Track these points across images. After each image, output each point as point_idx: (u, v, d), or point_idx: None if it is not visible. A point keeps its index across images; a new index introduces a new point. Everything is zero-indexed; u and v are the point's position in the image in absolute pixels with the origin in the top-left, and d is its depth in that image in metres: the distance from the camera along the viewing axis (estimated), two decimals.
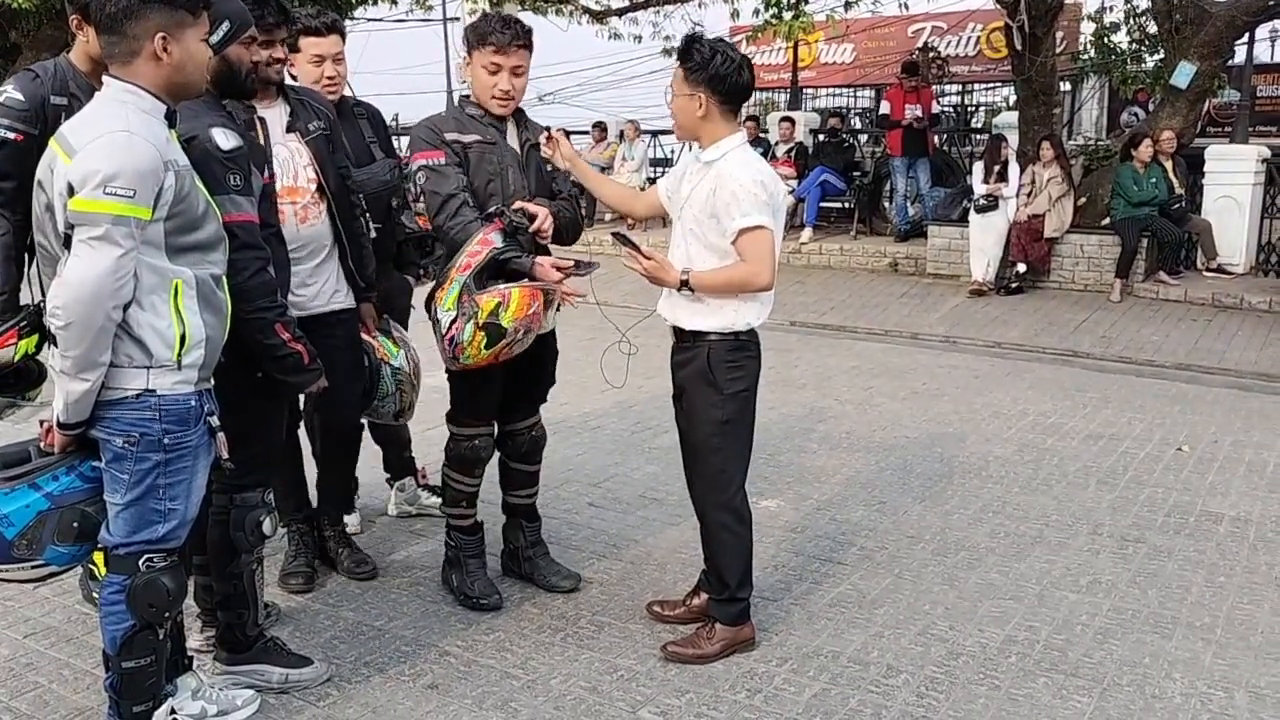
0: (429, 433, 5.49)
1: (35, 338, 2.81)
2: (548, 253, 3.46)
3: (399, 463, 4.48)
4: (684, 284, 3.15)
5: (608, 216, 14.03)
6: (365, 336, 3.67)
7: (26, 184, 2.68)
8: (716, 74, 3.08)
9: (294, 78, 3.70)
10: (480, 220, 3.30)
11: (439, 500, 4.39)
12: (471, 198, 3.36)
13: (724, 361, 3.20)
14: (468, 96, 3.54)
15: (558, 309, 3.47)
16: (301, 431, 3.92)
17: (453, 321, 3.24)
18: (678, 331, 3.28)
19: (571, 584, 3.78)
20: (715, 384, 3.20)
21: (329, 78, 3.79)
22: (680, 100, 3.15)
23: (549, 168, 3.53)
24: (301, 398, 3.47)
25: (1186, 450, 5.48)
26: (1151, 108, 12.19)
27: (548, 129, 3.54)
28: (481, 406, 3.59)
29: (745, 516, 3.31)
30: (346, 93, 3.98)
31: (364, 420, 3.97)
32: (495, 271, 3.25)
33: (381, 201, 3.85)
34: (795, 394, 6.63)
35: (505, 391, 3.64)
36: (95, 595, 3.17)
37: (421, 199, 3.46)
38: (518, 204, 3.35)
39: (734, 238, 3.09)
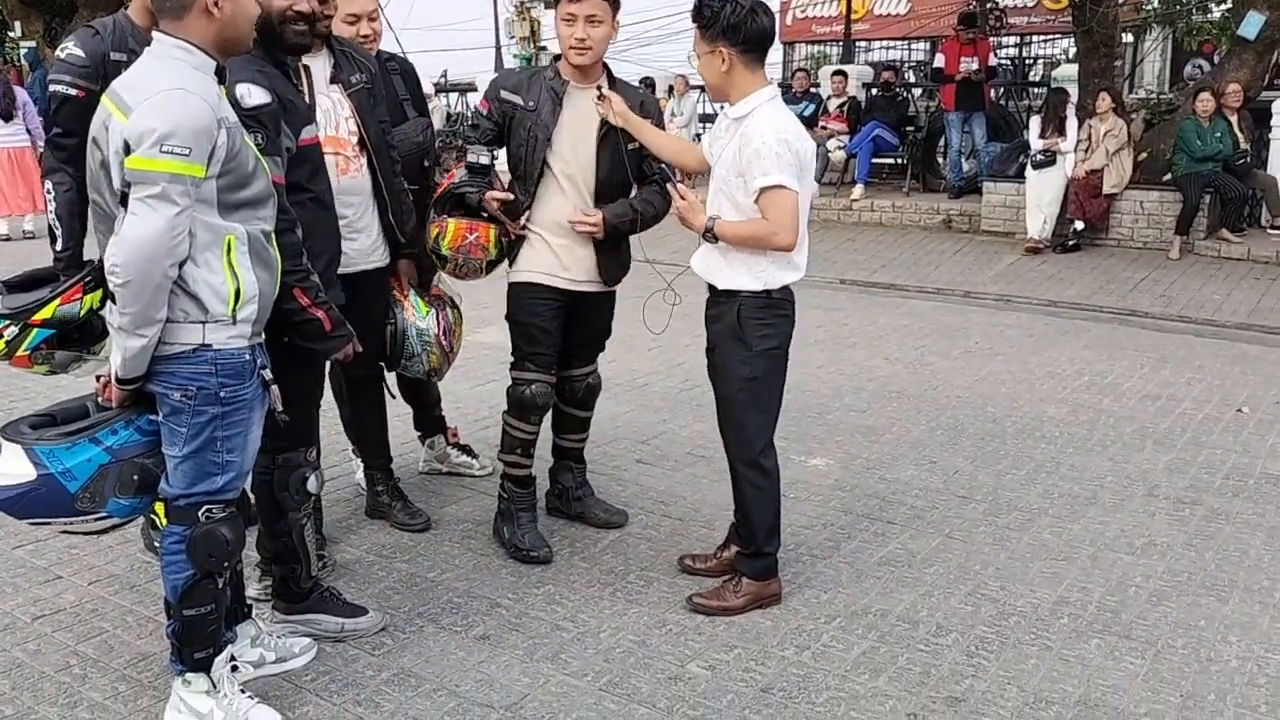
0: (478, 389, 5.55)
1: (100, 293, 2.86)
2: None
3: (428, 420, 4.48)
4: (709, 230, 3.18)
5: None
6: (397, 294, 3.70)
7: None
8: (730, 25, 3.05)
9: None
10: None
11: (470, 460, 4.51)
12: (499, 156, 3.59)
13: (753, 319, 3.20)
14: (559, 56, 3.60)
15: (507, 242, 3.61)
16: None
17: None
18: (711, 287, 3.30)
19: (621, 520, 3.92)
20: (744, 340, 3.21)
21: (363, 35, 3.79)
22: (704, 60, 3.15)
23: (630, 146, 3.51)
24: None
25: (1246, 412, 5.37)
26: (1217, 60, 11.82)
27: (599, 87, 3.51)
28: (539, 357, 3.63)
29: (770, 471, 3.33)
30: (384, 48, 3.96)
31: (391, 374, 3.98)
32: (456, 204, 3.54)
33: (414, 163, 3.80)
34: (845, 353, 6.58)
35: (565, 344, 3.72)
36: (157, 544, 3.24)
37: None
38: (490, 195, 3.51)
39: (755, 196, 3.09)
